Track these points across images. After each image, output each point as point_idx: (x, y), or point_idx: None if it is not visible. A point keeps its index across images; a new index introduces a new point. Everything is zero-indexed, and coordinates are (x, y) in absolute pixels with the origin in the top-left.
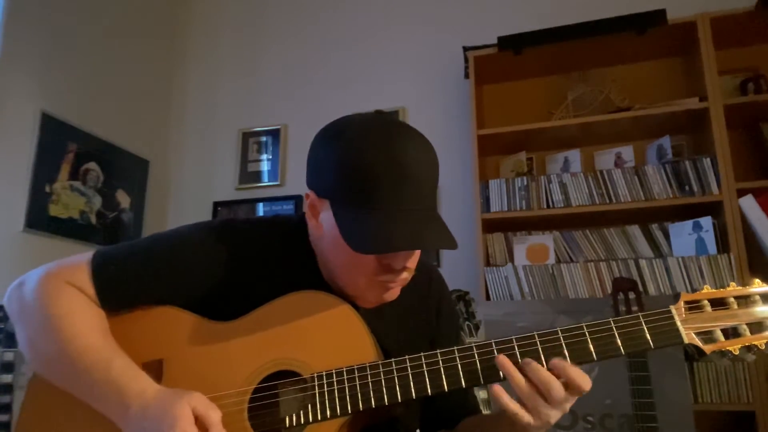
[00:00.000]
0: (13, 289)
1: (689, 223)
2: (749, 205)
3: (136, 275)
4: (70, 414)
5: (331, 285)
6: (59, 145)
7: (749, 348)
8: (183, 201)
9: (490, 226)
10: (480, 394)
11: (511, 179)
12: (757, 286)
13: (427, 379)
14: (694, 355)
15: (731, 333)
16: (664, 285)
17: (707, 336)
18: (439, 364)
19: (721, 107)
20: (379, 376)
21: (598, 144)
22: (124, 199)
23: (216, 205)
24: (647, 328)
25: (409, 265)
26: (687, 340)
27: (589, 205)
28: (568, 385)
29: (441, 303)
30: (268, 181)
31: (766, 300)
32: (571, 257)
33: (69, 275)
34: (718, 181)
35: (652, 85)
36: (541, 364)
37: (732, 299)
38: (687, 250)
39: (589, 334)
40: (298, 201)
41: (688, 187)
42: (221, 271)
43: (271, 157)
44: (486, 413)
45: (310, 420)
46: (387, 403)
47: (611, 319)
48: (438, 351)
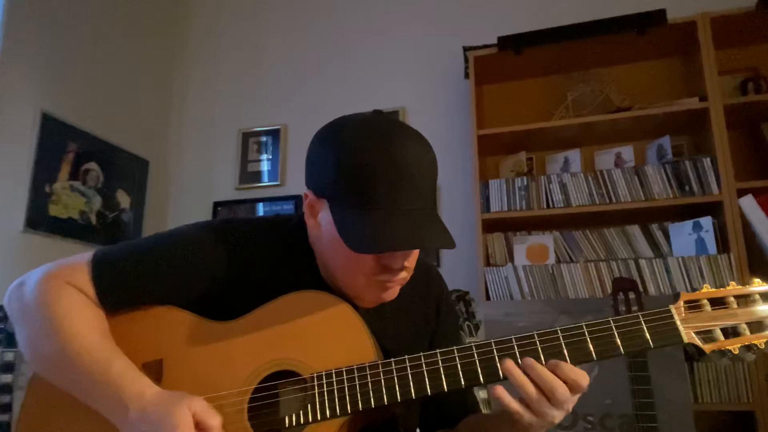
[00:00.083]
0: (13, 289)
1: (689, 223)
2: (749, 205)
3: (136, 275)
4: (70, 414)
5: (331, 285)
6: (59, 145)
7: (749, 347)
8: (183, 201)
9: (490, 226)
10: (480, 394)
11: (511, 179)
12: (757, 285)
13: (426, 379)
14: (693, 355)
15: (731, 332)
16: (664, 285)
17: (707, 335)
18: (438, 364)
19: (721, 107)
20: (379, 376)
21: (598, 144)
22: (124, 199)
23: (216, 205)
24: (647, 327)
25: (408, 264)
26: (687, 340)
27: (589, 205)
28: (568, 384)
29: (440, 302)
30: (268, 181)
31: (765, 299)
32: (571, 257)
33: (69, 275)
34: (718, 181)
35: (652, 85)
36: (540, 364)
37: (732, 298)
38: (687, 250)
39: (589, 334)
40: (298, 201)
41: (688, 187)
42: (221, 270)
43: (271, 157)
44: (486, 412)
45: (310, 420)
46: (387, 403)
47: (611, 318)
48: (437, 351)
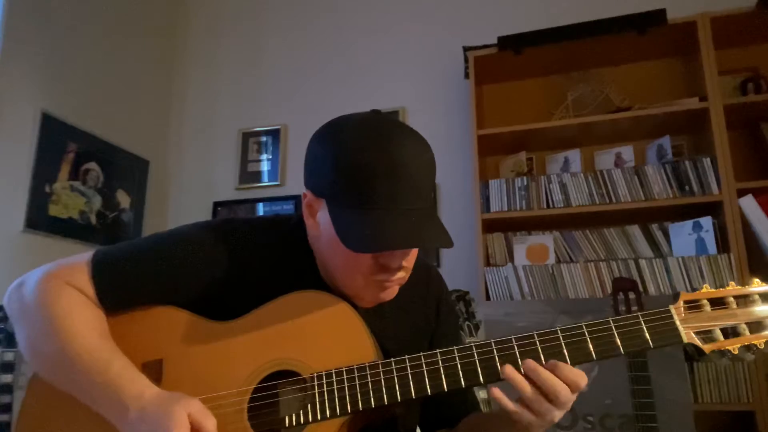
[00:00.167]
0: (12, 289)
1: (689, 223)
2: (749, 205)
3: (136, 275)
4: (69, 414)
5: (330, 285)
6: (59, 145)
7: (748, 347)
8: (183, 201)
9: (490, 226)
10: (480, 394)
11: (511, 179)
12: (757, 285)
13: (426, 379)
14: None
15: (730, 332)
16: (664, 285)
17: (706, 335)
18: (438, 364)
19: (721, 107)
20: (379, 376)
21: (598, 144)
22: (124, 199)
23: (216, 205)
24: (646, 327)
25: (406, 264)
26: (686, 340)
27: (589, 205)
28: (568, 384)
29: (440, 302)
30: (268, 181)
31: (765, 299)
32: (571, 257)
33: (68, 275)
34: (718, 181)
35: (652, 85)
36: (540, 364)
37: (731, 299)
38: (687, 250)
39: (589, 334)
40: (298, 201)
41: (688, 187)
42: (221, 270)
43: (271, 157)
44: (486, 411)
45: (310, 420)
46: (387, 403)
47: (610, 318)
48: (437, 351)
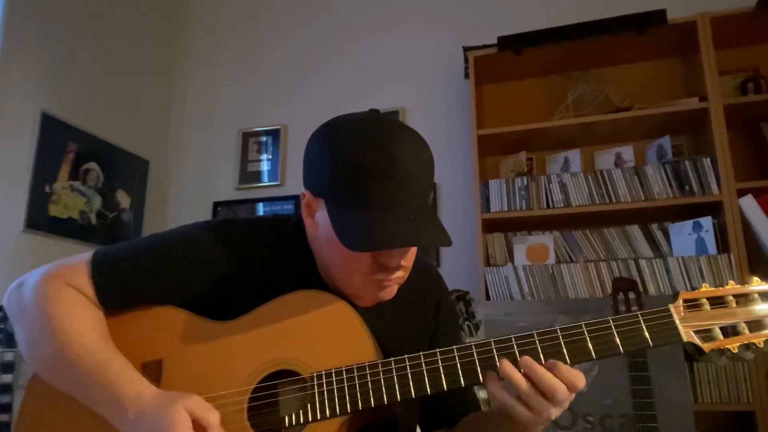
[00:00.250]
0: (12, 289)
1: (689, 223)
2: (749, 205)
3: (136, 275)
4: (69, 415)
5: (330, 284)
6: (59, 145)
7: (748, 346)
8: (183, 201)
9: (490, 226)
10: (480, 393)
11: (511, 179)
12: (756, 284)
13: (426, 379)
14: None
15: (730, 331)
16: (664, 285)
17: (706, 334)
18: (438, 364)
19: (721, 107)
20: (379, 376)
21: (598, 144)
22: (124, 199)
23: (216, 205)
24: (646, 326)
25: (405, 263)
26: (686, 339)
27: (589, 205)
28: (565, 383)
29: (440, 302)
30: (268, 181)
31: (764, 298)
32: (571, 257)
33: (68, 276)
34: (718, 181)
35: (652, 85)
36: (539, 363)
37: (731, 297)
38: (687, 250)
39: (588, 333)
40: (297, 201)
41: (688, 187)
42: (220, 270)
43: (271, 157)
44: (486, 410)
45: (310, 419)
46: (386, 403)
47: (610, 317)
48: (437, 350)
